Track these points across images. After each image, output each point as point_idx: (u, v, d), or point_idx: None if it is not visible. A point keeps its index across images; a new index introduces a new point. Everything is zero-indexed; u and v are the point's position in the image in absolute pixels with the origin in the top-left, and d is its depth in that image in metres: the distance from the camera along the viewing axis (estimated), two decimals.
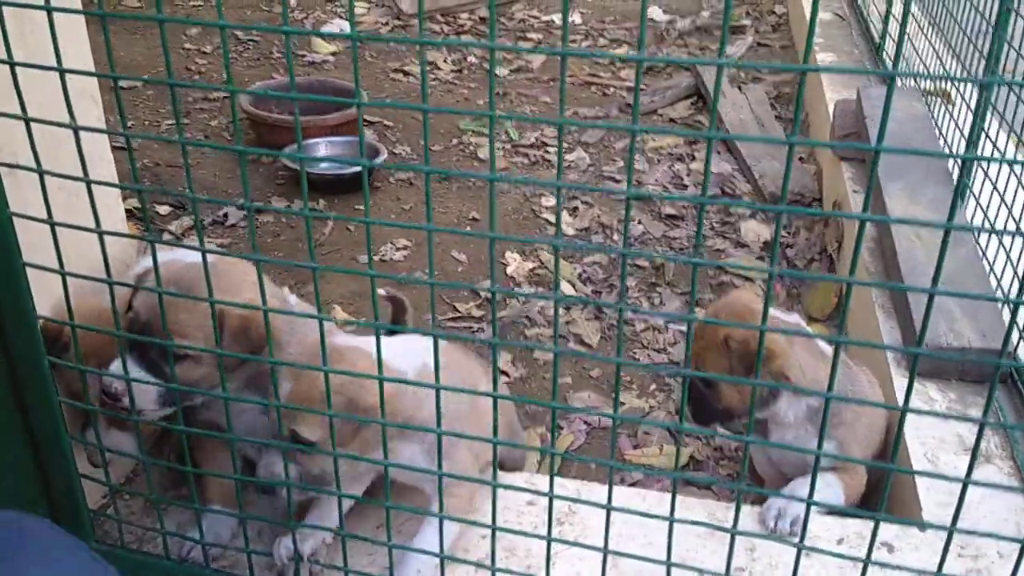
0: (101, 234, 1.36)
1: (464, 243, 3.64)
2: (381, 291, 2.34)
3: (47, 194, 1.35)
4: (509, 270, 3.49)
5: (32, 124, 1.31)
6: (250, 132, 4.33)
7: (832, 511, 1.92)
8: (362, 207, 3.86)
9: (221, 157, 4.22)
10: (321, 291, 2.21)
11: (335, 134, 4.10)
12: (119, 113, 1.27)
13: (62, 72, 1.25)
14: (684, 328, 3.11)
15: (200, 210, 3.84)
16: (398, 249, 3.57)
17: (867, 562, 1.29)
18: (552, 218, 3.83)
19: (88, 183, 1.33)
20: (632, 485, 2.48)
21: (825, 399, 1.21)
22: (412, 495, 1.80)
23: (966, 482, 1.19)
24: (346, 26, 6.01)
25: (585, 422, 2.77)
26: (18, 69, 1.28)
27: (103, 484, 1.69)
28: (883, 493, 1.27)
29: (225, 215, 3.74)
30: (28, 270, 1.45)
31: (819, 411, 1.95)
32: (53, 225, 1.37)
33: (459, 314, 3.23)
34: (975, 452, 1.17)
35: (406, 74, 5.32)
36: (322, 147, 4.08)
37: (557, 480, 1.93)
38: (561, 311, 3.27)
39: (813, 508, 1.90)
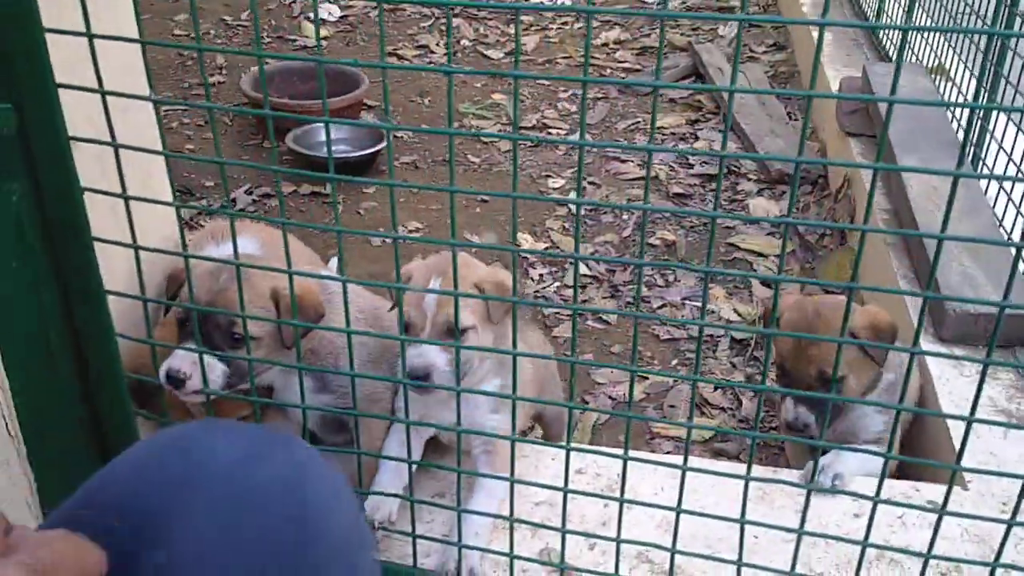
0: (178, 207, 1.36)
1: (474, 225, 3.65)
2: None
3: (122, 169, 1.35)
4: None
5: (105, 96, 1.30)
6: (252, 116, 4.31)
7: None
8: (369, 191, 3.87)
9: (226, 142, 4.20)
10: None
11: (339, 117, 4.08)
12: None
13: (143, 43, 1.25)
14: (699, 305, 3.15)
15: (208, 194, 3.82)
16: (409, 232, 3.58)
17: (942, 512, 1.33)
18: (560, 198, 3.85)
19: (166, 155, 1.33)
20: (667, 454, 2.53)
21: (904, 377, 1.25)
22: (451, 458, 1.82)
23: (969, 420, 1.23)
24: (335, 11, 5.98)
25: (610, 397, 2.80)
26: (76, 44, 1.26)
27: None
28: (880, 478, 1.30)
29: (233, 199, 3.73)
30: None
31: (894, 384, 2.03)
32: (127, 199, 1.37)
33: None
34: (979, 391, 1.20)
35: (400, 58, 5.30)
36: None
37: (606, 450, 1.96)
38: (578, 290, 3.30)
39: (856, 469, 1.96)
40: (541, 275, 3.39)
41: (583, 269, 3.37)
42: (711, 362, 2.92)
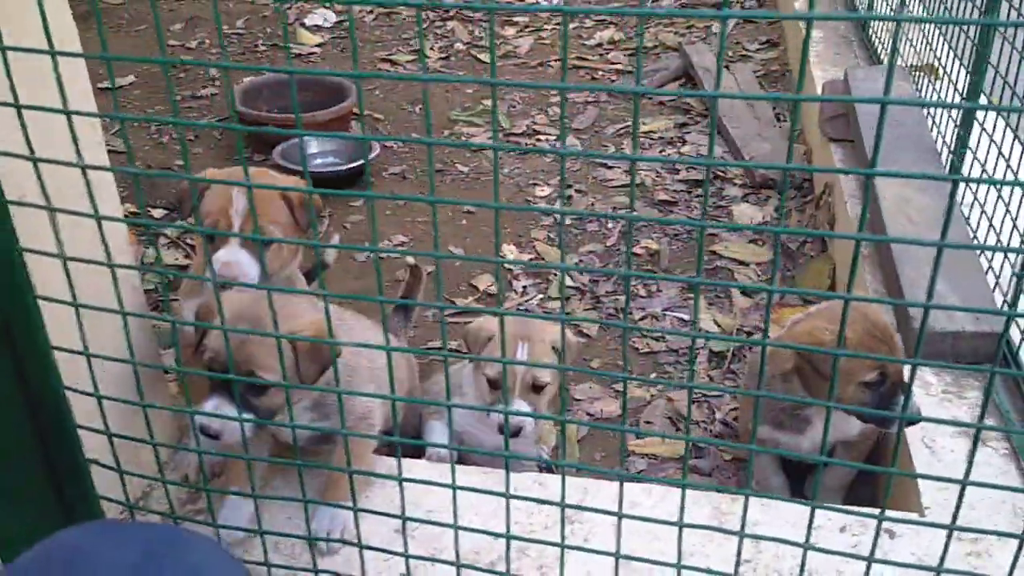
0: (112, 267, 1.39)
1: (460, 236, 3.66)
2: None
3: (57, 230, 1.38)
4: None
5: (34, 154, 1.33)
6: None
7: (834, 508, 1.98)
8: (357, 203, 3.89)
9: (215, 157, 4.23)
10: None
11: (326, 131, 4.10)
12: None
13: (67, 114, 1.27)
14: (684, 316, 3.16)
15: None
16: (395, 245, 3.60)
17: (870, 560, 1.34)
18: (543, 207, 3.85)
19: (98, 219, 1.35)
20: (639, 472, 2.54)
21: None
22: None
23: (964, 483, 1.23)
24: (331, 16, 5.99)
25: (587, 413, 2.82)
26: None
27: (122, 504, 1.72)
28: (884, 495, 1.31)
29: None
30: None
31: None
32: (65, 260, 1.40)
33: (458, 308, 3.27)
34: (973, 453, 1.21)
35: (394, 64, 5.31)
36: (314, 144, 4.09)
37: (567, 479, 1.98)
38: (558, 303, 3.31)
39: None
40: (525, 287, 3.40)
41: (567, 280, 3.38)
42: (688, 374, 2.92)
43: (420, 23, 1.11)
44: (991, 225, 2.50)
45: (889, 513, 1.87)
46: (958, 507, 1.26)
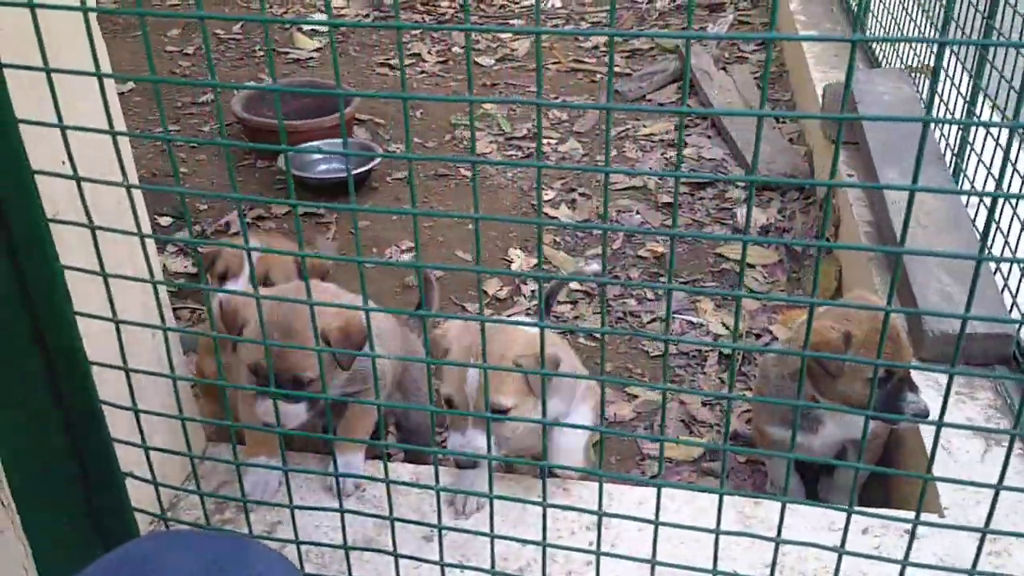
0: (155, 284, 1.40)
1: (466, 241, 3.68)
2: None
3: (99, 247, 1.39)
4: (513, 267, 3.54)
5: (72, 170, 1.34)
6: (242, 137, 4.34)
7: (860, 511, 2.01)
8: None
9: (218, 165, 4.23)
10: None
11: (332, 136, 4.11)
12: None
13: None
14: (692, 319, 3.19)
15: (201, 218, 3.86)
16: (403, 252, 3.61)
17: (904, 564, 1.37)
18: (552, 211, 3.87)
19: (141, 237, 1.37)
20: (653, 476, 2.57)
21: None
22: None
23: (998, 488, 1.26)
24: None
25: (602, 417, 2.84)
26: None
27: (154, 516, 1.74)
28: (920, 499, 1.34)
29: (227, 224, 3.77)
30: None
31: None
32: (106, 276, 1.41)
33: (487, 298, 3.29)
34: (1006, 463, 1.24)
35: (392, 68, 5.33)
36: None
37: (590, 485, 2.01)
38: (568, 306, 3.34)
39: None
40: (533, 291, 3.42)
41: (574, 284, 3.40)
42: (700, 377, 2.96)
43: (400, 46, 1.13)
44: (998, 228, 2.54)
45: (920, 516, 1.92)
46: (990, 515, 1.30)
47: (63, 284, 1.46)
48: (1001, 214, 2.55)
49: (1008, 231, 2.48)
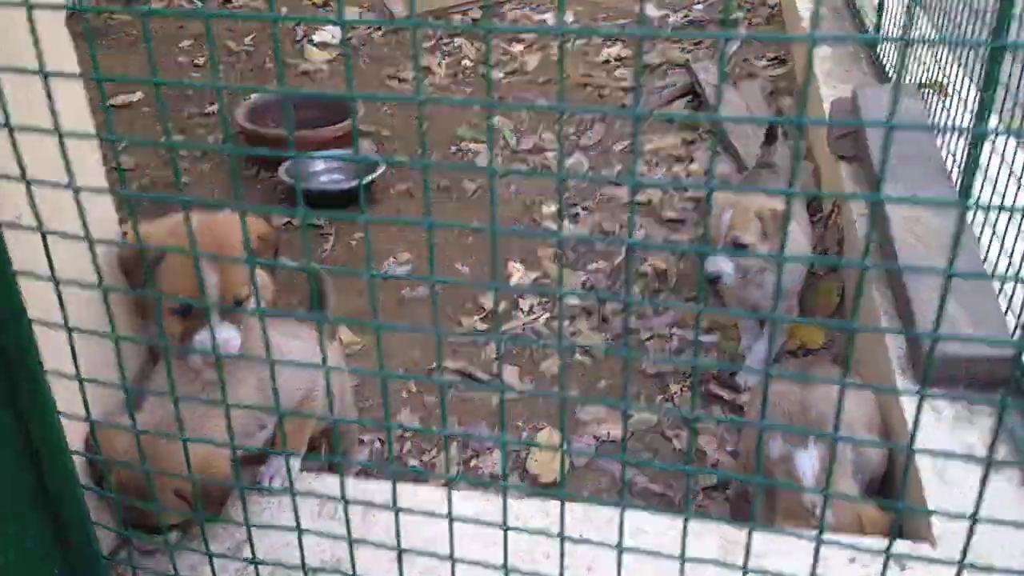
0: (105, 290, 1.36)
1: (467, 254, 3.64)
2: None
3: (48, 250, 1.35)
4: (512, 281, 3.49)
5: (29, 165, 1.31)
6: (246, 146, 4.33)
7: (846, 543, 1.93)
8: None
9: (220, 174, 4.22)
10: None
11: (334, 147, 4.08)
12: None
13: (60, 135, 1.25)
14: (690, 336, 3.12)
15: None
16: (400, 264, 3.57)
17: None
18: (552, 226, 3.82)
19: (90, 241, 1.33)
20: (637, 495, 2.50)
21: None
22: None
23: (973, 519, 1.19)
24: (339, 33, 5.99)
25: (595, 436, 2.78)
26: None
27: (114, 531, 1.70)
28: (891, 532, 1.27)
29: None
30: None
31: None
32: (57, 282, 1.37)
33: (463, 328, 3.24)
34: (981, 492, 1.17)
35: (401, 80, 5.31)
36: (320, 161, 4.07)
37: (567, 506, 1.95)
38: (566, 322, 3.28)
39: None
40: (531, 306, 3.37)
41: (573, 300, 3.35)
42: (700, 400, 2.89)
43: (415, 43, 1.09)
44: (1002, 247, 2.46)
45: (902, 546, 1.84)
46: (966, 547, 1.22)
47: (17, 291, 1.42)
48: (1006, 232, 2.47)
49: (1012, 250, 2.40)
